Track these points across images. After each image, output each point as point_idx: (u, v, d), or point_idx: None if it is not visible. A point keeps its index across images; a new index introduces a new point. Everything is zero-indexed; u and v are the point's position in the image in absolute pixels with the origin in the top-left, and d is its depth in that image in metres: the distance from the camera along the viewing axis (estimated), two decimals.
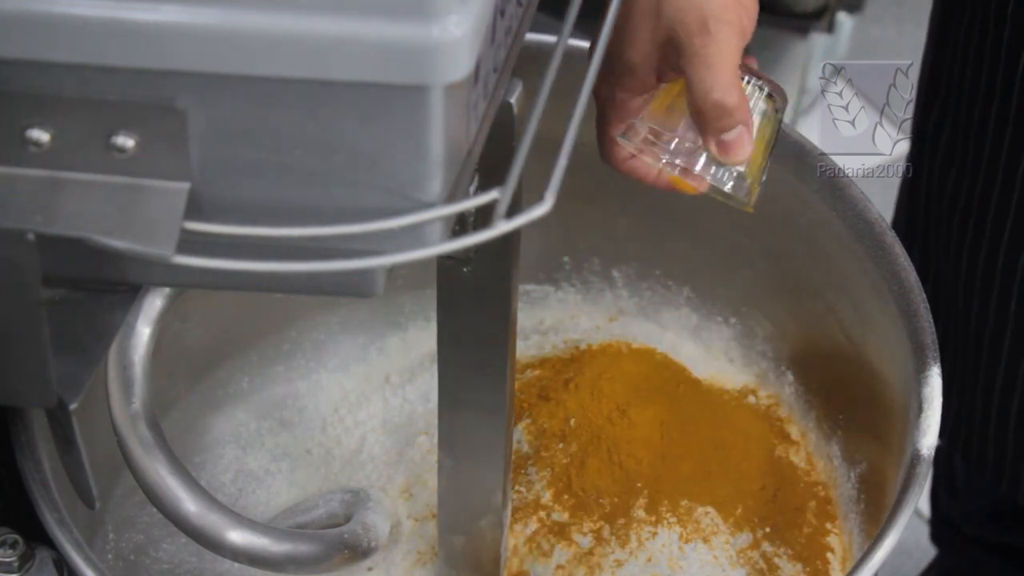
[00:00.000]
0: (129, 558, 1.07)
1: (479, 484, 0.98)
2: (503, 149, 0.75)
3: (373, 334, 1.22)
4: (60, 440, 0.74)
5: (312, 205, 0.67)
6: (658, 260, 1.20)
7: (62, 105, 0.64)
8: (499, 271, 0.87)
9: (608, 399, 1.11)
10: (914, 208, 1.28)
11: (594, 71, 0.74)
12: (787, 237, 1.10)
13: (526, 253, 0.89)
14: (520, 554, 1.07)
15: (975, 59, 1.14)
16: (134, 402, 0.86)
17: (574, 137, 0.70)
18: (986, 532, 1.50)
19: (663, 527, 1.06)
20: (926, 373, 0.96)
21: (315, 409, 1.18)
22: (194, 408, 1.16)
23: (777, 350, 1.17)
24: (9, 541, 0.90)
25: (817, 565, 1.07)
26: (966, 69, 1.16)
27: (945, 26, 1.18)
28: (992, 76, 1.12)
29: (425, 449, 1.13)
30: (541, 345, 1.21)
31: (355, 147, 0.65)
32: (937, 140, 1.21)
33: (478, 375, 0.92)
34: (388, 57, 0.62)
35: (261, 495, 1.13)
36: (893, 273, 1.01)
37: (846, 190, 1.04)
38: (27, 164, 0.65)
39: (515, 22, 0.73)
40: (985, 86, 1.13)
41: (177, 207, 0.65)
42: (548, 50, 0.73)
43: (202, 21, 0.62)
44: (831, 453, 1.12)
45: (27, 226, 0.63)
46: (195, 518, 0.88)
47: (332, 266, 0.66)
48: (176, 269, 0.65)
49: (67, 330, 0.68)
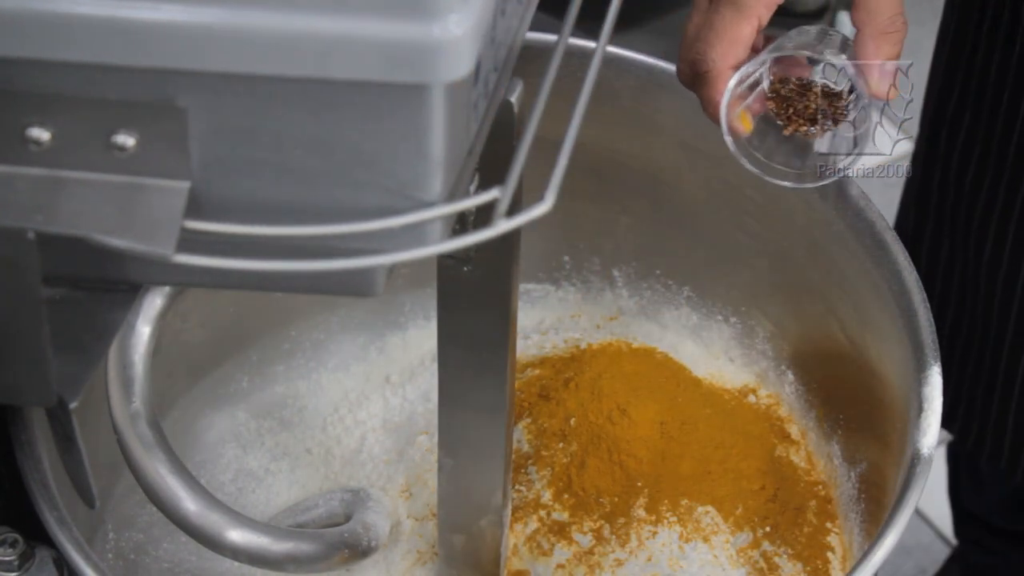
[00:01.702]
0: (129, 557, 1.07)
1: (479, 483, 0.98)
2: (503, 148, 0.75)
3: (373, 334, 1.22)
4: (60, 439, 0.74)
5: (312, 204, 0.67)
6: (658, 260, 1.20)
7: (62, 104, 0.64)
8: (499, 270, 0.87)
9: (608, 398, 1.11)
10: (923, 207, 1.28)
11: (594, 71, 0.74)
12: (787, 237, 1.10)
13: (526, 252, 0.89)
14: (520, 553, 1.07)
15: (999, 64, 1.14)
16: (134, 401, 0.86)
17: (574, 137, 0.70)
18: (1010, 522, 1.50)
19: (663, 526, 1.06)
20: (926, 373, 0.96)
21: (315, 408, 1.18)
22: (194, 407, 1.16)
23: (777, 350, 1.17)
24: (9, 540, 0.90)
25: (817, 565, 1.07)
26: (988, 71, 1.16)
27: (962, 27, 1.18)
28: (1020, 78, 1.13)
29: (425, 448, 1.13)
30: (541, 344, 1.21)
31: (355, 146, 0.65)
32: (954, 139, 1.21)
33: (478, 374, 0.92)
34: (389, 56, 0.62)
35: (261, 494, 1.13)
36: (893, 273, 1.01)
37: (846, 190, 1.04)
38: (27, 163, 0.65)
39: (515, 21, 0.73)
40: (1012, 87, 1.14)
41: (177, 206, 0.65)
42: (548, 50, 0.73)
43: (203, 20, 0.62)
44: (831, 453, 1.12)
45: (28, 225, 0.63)
46: (195, 517, 0.88)
47: (332, 265, 0.66)
48: (176, 268, 0.65)
49: (67, 329, 0.68)
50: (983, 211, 1.21)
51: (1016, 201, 1.18)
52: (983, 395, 1.26)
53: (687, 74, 0.93)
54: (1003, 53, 1.14)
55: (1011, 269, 1.21)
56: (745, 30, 0.90)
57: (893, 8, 0.90)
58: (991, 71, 1.16)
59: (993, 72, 1.16)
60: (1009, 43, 1.13)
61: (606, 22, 0.77)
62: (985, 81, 1.17)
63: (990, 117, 1.17)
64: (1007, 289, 1.21)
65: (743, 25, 0.90)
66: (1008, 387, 1.24)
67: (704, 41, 0.91)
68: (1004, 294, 1.21)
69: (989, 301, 1.23)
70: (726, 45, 0.90)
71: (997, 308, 1.23)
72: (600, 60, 0.74)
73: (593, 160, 1.13)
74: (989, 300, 1.23)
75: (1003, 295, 1.22)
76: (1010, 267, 1.21)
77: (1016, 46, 1.12)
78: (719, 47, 0.90)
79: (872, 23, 0.90)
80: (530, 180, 0.72)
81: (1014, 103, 1.15)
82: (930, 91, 1.25)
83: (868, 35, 0.90)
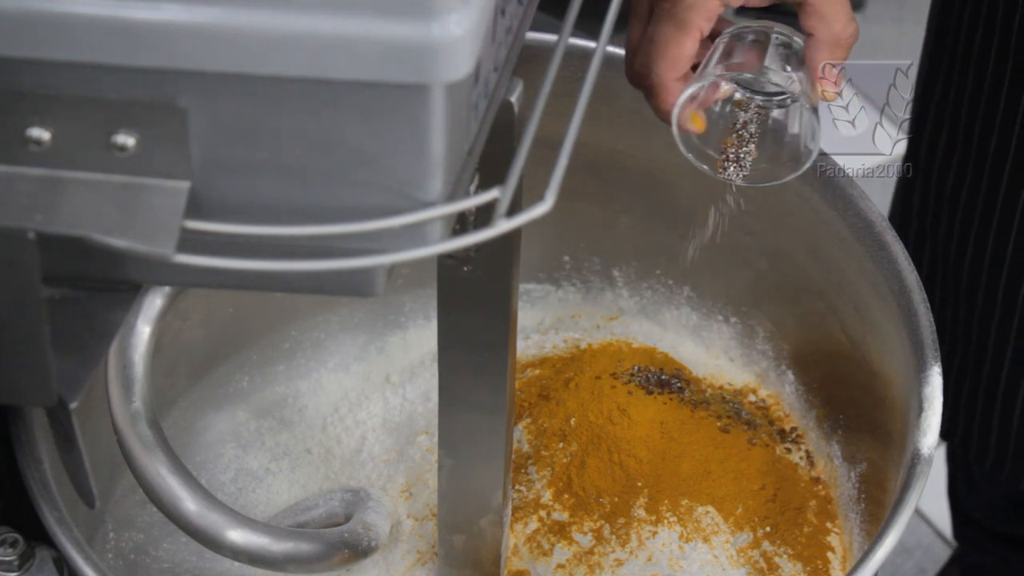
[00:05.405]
0: (129, 557, 1.07)
1: (479, 483, 0.98)
2: (503, 148, 0.75)
3: (373, 334, 1.22)
4: (60, 439, 0.74)
5: (312, 204, 0.67)
6: (658, 260, 1.20)
7: (63, 104, 0.64)
8: (499, 270, 0.87)
9: (608, 398, 1.11)
10: (907, 207, 1.28)
11: (594, 72, 0.74)
12: (787, 237, 1.10)
13: (526, 252, 0.89)
14: (520, 553, 1.07)
15: (980, 53, 1.14)
16: (134, 401, 0.86)
17: (574, 137, 0.70)
18: (1007, 525, 1.50)
19: (663, 526, 1.06)
20: (926, 372, 0.96)
21: (315, 408, 1.18)
22: (194, 407, 1.16)
23: (777, 349, 1.17)
24: (9, 540, 0.90)
25: (817, 564, 1.07)
26: (968, 64, 1.16)
27: (944, 18, 1.18)
28: (999, 73, 1.12)
29: (425, 448, 1.14)
30: (541, 344, 1.21)
31: (355, 146, 0.65)
32: (936, 137, 1.21)
33: (478, 374, 0.92)
34: (389, 56, 0.62)
35: (261, 494, 1.13)
36: (893, 273, 1.01)
37: (846, 190, 1.04)
38: (28, 163, 0.65)
39: (516, 21, 0.73)
40: (991, 80, 1.14)
41: (178, 206, 0.65)
42: (548, 50, 0.73)
43: (203, 20, 0.62)
44: (831, 452, 1.12)
45: (28, 225, 0.63)
46: (195, 517, 0.88)
47: (332, 265, 0.66)
48: (176, 268, 0.65)
49: (68, 329, 0.68)
50: (963, 219, 1.21)
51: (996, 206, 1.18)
52: (983, 407, 1.26)
53: (633, 83, 0.93)
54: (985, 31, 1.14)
55: (991, 277, 1.21)
56: (687, 45, 0.89)
57: (846, 15, 0.90)
58: (972, 56, 1.16)
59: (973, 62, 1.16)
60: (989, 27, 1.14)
61: (606, 22, 0.77)
62: (967, 71, 1.17)
63: (971, 114, 1.17)
64: (1007, 302, 1.21)
65: (684, 41, 0.89)
66: (1009, 399, 1.24)
67: (647, 55, 0.90)
68: (1005, 305, 1.21)
69: (969, 309, 1.23)
70: (669, 61, 0.89)
71: (984, 313, 1.23)
72: (600, 60, 0.74)
73: (593, 160, 1.13)
74: (969, 308, 1.23)
75: (1003, 305, 1.22)
76: (991, 275, 1.21)
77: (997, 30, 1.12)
78: (662, 63, 0.90)
79: (826, 30, 0.90)
80: (530, 180, 0.72)
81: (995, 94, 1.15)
82: (916, 87, 1.25)
83: (822, 41, 0.90)
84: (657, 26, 0.90)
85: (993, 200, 1.18)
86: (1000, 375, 1.23)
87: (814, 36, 0.90)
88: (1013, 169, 1.16)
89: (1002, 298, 1.20)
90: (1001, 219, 1.18)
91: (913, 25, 0.93)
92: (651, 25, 0.90)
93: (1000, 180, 1.17)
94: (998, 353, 1.23)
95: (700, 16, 0.89)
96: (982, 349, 1.24)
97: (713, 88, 0.91)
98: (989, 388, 1.24)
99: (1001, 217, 1.18)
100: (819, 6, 0.89)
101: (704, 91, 0.90)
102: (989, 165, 1.17)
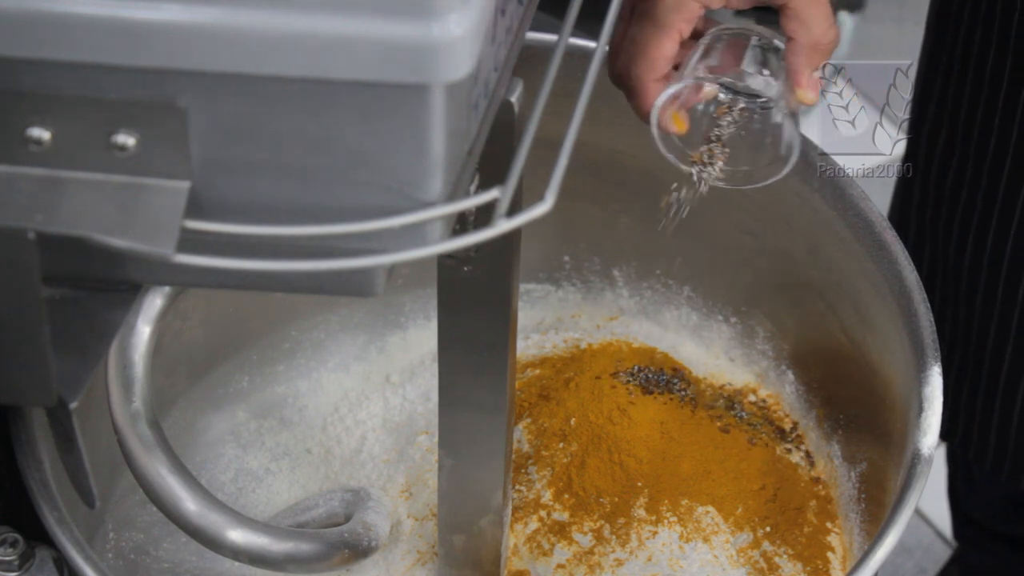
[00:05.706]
0: (129, 557, 1.07)
1: (479, 483, 0.98)
2: (503, 148, 0.75)
3: (373, 334, 1.22)
4: (60, 439, 0.74)
5: (312, 204, 0.67)
6: (658, 259, 1.20)
7: (63, 104, 0.64)
8: (499, 270, 0.87)
9: (608, 398, 1.11)
10: (907, 206, 1.28)
11: (594, 72, 0.74)
12: (787, 237, 1.10)
13: (526, 252, 0.89)
14: (520, 553, 1.07)
15: (979, 52, 1.14)
16: (134, 401, 0.86)
17: (574, 137, 0.70)
18: (1007, 525, 1.50)
19: (663, 526, 1.06)
20: (926, 372, 0.96)
21: (315, 408, 1.18)
22: (194, 407, 1.16)
23: (777, 349, 1.17)
24: (9, 540, 0.90)
25: (817, 564, 1.07)
26: (967, 63, 1.16)
27: (943, 17, 1.18)
28: (998, 69, 1.12)
29: (425, 448, 1.14)
30: (541, 344, 1.21)
31: (355, 146, 0.65)
32: (935, 137, 1.21)
33: (478, 374, 0.92)
34: (389, 56, 0.62)
35: (261, 494, 1.13)
36: (893, 273, 1.01)
37: (846, 190, 1.04)
38: (28, 163, 0.65)
39: (516, 21, 0.73)
40: (990, 77, 1.14)
41: (178, 206, 0.65)
42: (548, 50, 0.73)
43: (203, 20, 0.62)
44: (831, 452, 1.12)
45: (28, 225, 0.63)
46: (195, 517, 0.88)
47: (332, 265, 0.66)
48: (176, 268, 0.65)
49: (68, 329, 0.68)
50: (962, 220, 1.21)
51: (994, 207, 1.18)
52: (983, 407, 1.26)
53: (615, 83, 0.93)
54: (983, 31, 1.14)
55: (992, 276, 1.21)
56: (666, 47, 0.89)
57: (826, 19, 0.90)
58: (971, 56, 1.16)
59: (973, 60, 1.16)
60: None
61: (606, 22, 0.77)
62: (966, 69, 1.17)
63: (969, 114, 1.17)
64: (1006, 301, 1.21)
65: (664, 42, 0.89)
66: (1009, 398, 1.24)
67: (627, 55, 0.90)
68: (1004, 304, 1.22)
69: (969, 308, 1.23)
70: (648, 62, 0.90)
71: (983, 313, 1.23)
72: (600, 60, 0.74)
73: (593, 160, 1.13)
74: (969, 307, 1.23)
75: (1003, 305, 1.22)
76: (991, 274, 1.21)
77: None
78: (641, 64, 0.90)
79: (806, 34, 0.89)
80: (530, 180, 0.72)
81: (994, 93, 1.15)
82: (915, 86, 1.25)
83: (803, 45, 0.90)
84: (637, 26, 0.90)
85: (992, 199, 1.18)
86: (1000, 375, 1.23)
87: (794, 40, 0.90)
88: (1012, 168, 1.16)
89: (1001, 297, 1.20)
90: (1000, 218, 1.18)
91: (913, 25, 0.93)
92: (631, 25, 0.90)
93: (999, 179, 1.17)
94: (998, 353, 1.23)
95: (679, 17, 0.89)
96: (982, 349, 1.24)
97: (695, 89, 0.91)
98: (989, 388, 1.25)
99: (1000, 216, 1.18)
100: (799, 10, 0.89)
101: (686, 92, 0.91)
102: (988, 164, 1.17)
